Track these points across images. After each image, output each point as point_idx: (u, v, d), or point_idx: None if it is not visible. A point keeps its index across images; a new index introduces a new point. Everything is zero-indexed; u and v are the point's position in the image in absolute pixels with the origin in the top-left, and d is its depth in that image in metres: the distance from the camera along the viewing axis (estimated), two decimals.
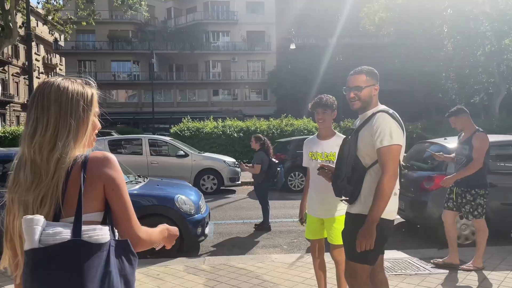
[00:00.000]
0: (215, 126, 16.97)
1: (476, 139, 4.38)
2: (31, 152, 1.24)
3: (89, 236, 1.18)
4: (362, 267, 2.48)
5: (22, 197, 1.23)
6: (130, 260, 1.26)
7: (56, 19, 18.53)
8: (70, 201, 1.23)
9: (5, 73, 40.01)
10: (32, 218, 1.14)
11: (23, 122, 33.62)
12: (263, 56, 39.42)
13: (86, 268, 1.14)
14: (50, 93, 1.27)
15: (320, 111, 3.38)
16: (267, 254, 5.49)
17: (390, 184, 2.35)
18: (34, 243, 1.12)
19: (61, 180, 1.23)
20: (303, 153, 3.65)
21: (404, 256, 4.90)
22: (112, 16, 38.44)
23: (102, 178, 1.26)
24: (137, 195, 5.39)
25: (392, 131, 2.40)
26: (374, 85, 2.58)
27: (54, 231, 1.15)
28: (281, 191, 10.59)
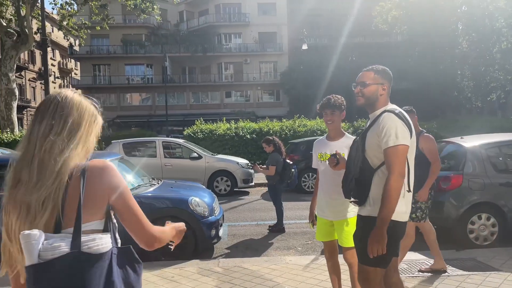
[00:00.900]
0: (228, 128, 16.99)
1: (424, 141, 4.28)
2: (42, 150, 1.24)
3: (88, 247, 1.17)
4: (375, 271, 2.43)
5: (25, 197, 1.21)
6: (134, 267, 1.25)
7: (71, 24, 18.81)
8: (70, 211, 1.22)
9: (22, 78, 40.77)
10: (29, 234, 1.13)
11: None
12: (275, 57, 39.40)
13: (88, 279, 1.14)
14: (71, 101, 1.33)
15: (328, 112, 3.35)
16: (281, 256, 5.46)
17: (397, 184, 2.30)
18: (34, 259, 1.12)
19: (62, 185, 1.22)
20: (313, 154, 3.62)
21: (421, 258, 4.82)
22: (126, 20, 38.90)
23: (105, 186, 1.27)
24: (152, 197, 5.42)
25: (398, 131, 2.35)
26: (382, 84, 2.53)
27: (53, 245, 1.14)
28: (295, 192, 10.55)
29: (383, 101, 2.54)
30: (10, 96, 15.97)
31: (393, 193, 2.29)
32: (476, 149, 5.76)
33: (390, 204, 2.29)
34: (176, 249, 4.81)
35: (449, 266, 4.50)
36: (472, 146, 5.82)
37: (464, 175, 5.59)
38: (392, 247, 2.39)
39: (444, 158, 6.46)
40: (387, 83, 2.56)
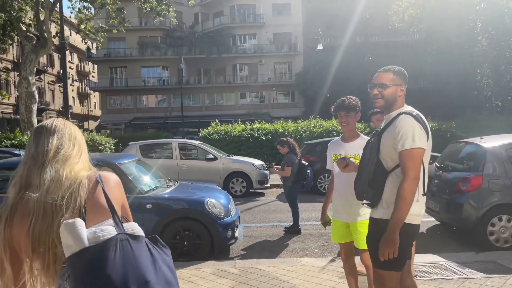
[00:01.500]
0: (243, 129, 17.02)
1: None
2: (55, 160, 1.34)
3: (132, 229, 1.30)
4: (390, 274, 2.40)
5: (40, 199, 1.28)
6: (164, 251, 1.35)
7: (89, 28, 19.12)
8: (90, 213, 1.31)
9: (41, 82, 41.62)
10: (74, 221, 1.22)
11: None
12: (290, 57, 39.33)
13: (139, 256, 1.23)
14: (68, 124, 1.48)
15: (343, 114, 3.33)
16: (297, 257, 5.44)
17: (411, 188, 2.26)
18: (85, 243, 1.19)
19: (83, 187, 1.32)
20: (327, 156, 3.61)
21: (440, 260, 4.74)
22: (142, 23, 39.36)
23: (122, 194, 1.47)
24: (168, 199, 5.47)
25: (415, 134, 2.31)
26: (400, 86, 2.49)
27: (101, 229, 1.24)
28: (311, 193, 10.51)
29: (400, 102, 2.51)
30: (30, 99, 16.31)
31: (407, 197, 2.25)
32: (496, 150, 5.65)
33: (404, 208, 2.26)
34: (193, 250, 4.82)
35: (468, 268, 4.42)
36: (492, 146, 5.71)
37: (483, 176, 5.49)
38: (405, 250, 2.37)
39: (463, 159, 6.36)
40: (404, 84, 2.53)
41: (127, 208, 1.50)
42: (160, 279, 1.24)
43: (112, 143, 16.41)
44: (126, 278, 1.18)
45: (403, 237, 2.30)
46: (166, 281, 1.26)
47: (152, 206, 5.24)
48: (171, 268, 1.32)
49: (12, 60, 36.39)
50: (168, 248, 1.37)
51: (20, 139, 14.83)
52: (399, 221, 2.26)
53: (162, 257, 1.31)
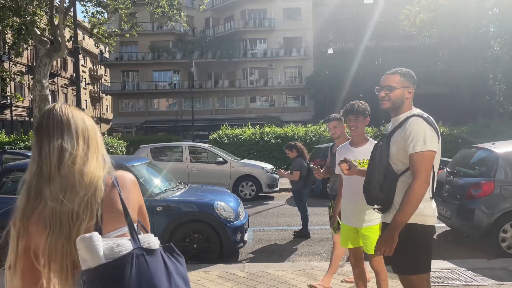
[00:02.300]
0: (253, 133, 17.06)
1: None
2: (63, 166, 1.25)
3: (148, 243, 1.26)
4: (419, 278, 2.36)
5: (55, 211, 1.22)
6: (179, 261, 1.33)
7: (101, 32, 19.36)
8: (108, 217, 1.27)
9: (55, 85, 42.22)
10: (91, 236, 1.17)
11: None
12: (300, 61, 39.33)
13: (155, 272, 1.21)
14: (73, 113, 1.34)
15: (352, 118, 3.33)
16: (306, 261, 5.43)
17: (421, 191, 2.25)
18: (101, 259, 1.16)
19: (99, 193, 1.26)
20: (336, 159, 3.60)
21: (451, 266, 4.69)
22: (153, 27, 39.74)
23: (138, 196, 1.41)
24: (178, 201, 5.52)
25: (426, 136, 2.29)
26: (408, 88, 2.47)
27: (117, 243, 1.20)
28: (320, 197, 10.47)
29: (408, 105, 2.49)
30: (43, 102, 16.53)
31: (414, 199, 2.24)
32: (508, 155, 5.59)
33: (409, 210, 2.24)
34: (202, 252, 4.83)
35: (479, 275, 4.38)
36: (505, 152, 5.65)
37: (495, 182, 5.43)
38: (426, 251, 2.36)
39: (474, 164, 6.30)
40: (412, 86, 2.51)
41: (143, 209, 1.45)
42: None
43: (124, 146, 16.58)
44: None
45: (423, 238, 2.30)
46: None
47: (162, 208, 5.29)
48: (185, 279, 1.30)
49: (27, 63, 37.01)
50: (183, 257, 1.36)
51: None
52: (402, 222, 2.25)
53: (177, 269, 1.29)
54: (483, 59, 25.91)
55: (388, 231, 2.27)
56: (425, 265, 2.38)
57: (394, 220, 2.27)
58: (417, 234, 2.32)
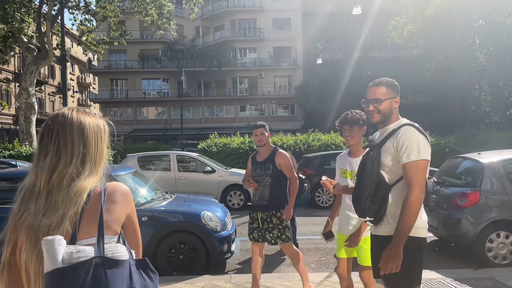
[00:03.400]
0: (242, 142, 17.02)
1: (280, 157, 4.14)
2: (50, 183, 1.25)
3: (112, 253, 1.20)
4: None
5: (33, 226, 1.23)
6: (151, 277, 1.28)
7: (90, 40, 19.27)
8: (86, 225, 1.24)
9: (42, 93, 41.77)
10: (53, 239, 1.15)
11: None
12: (289, 71, 39.58)
13: (112, 284, 1.15)
14: (72, 126, 1.30)
15: (347, 128, 3.31)
16: (293, 272, 5.38)
17: (419, 201, 2.22)
18: (58, 263, 1.13)
19: (80, 206, 1.24)
20: (336, 168, 3.58)
21: (438, 277, 4.69)
22: (143, 36, 39.70)
23: (126, 207, 1.35)
24: (164, 211, 5.43)
25: (420, 145, 2.27)
26: (394, 98, 2.46)
27: (77, 249, 1.16)
28: (308, 207, 10.46)
29: (395, 114, 2.48)
30: (29, 110, 16.35)
31: (414, 210, 2.20)
32: (494, 165, 5.64)
33: (410, 222, 2.21)
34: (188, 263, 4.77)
35: (466, 285, 4.37)
36: (490, 162, 5.70)
37: (481, 192, 5.47)
38: (419, 264, 2.33)
39: (461, 174, 6.35)
40: (398, 95, 2.50)
41: (134, 224, 1.38)
42: None
43: (111, 155, 16.40)
44: None
45: (416, 251, 2.28)
46: None
47: (147, 218, 5.20)
48: None
49: (13, 71, 36.60)
50: (156, 273, 1.31)
51: (18, 149, 14.80)
52: (405, 235, 2.21)
53: (145, 284, 1.24)
54: (469, 70, 26.30)
55: (393, 247, 2.22)
56: (418, 279, 2.35)
57: (397, 235, 2.22)
58: (411, 247, 2.27)
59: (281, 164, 4.13)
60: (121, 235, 1.32)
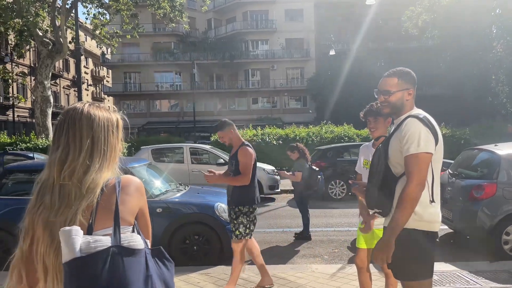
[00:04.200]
0: (255, 134, 17.05)
1: (239, 153, 4.10)
2: (62, 177, 1.28)
3: (128, 242, 1.23)
4: (419, 284, 2.30)
5: (49, 220, 1.26)
6: (166, 266, 1.30)
7: (103, 33, 19.40)
8: (101, 217, 1.27)
9: (57, 86, 42.31)
10: (70, 229, 1.18)
11: None
12: (302, 63, 39.33)
13: (129, 272, 1.18)
14: (81, 120, 1.33)
15: (371, 119, 3.28)
16: (307, 264, 5.40)
17: (414, 194, 2.17)
18: (76, 253, 1.16)
19: (94, 200, 1.26)
20: (359, 158, 3.57)
21: (453, 269, 4.66)
22: (155, 29, 39.79)
23: (140, 200, 1.37)
24: (178, 203, 5.49)
25: (421, 138, 2.21)
26: (407, 89, 2.39)
27: (95, 239, 1.19)
28: (322, 199, 10.44)
29: (409, 106, 2.42)
30: (45, 103, 16.58)
31: (407, 203, 2.16)
32: (511, 157, 5.54)
33: (403, 214, 2.17)
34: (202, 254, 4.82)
35: (482, 278, 4.34)
36: (507, 153, 5.61)
37: (498, 184, 5.39)
38: (425, 257, 2.29)
39: (477, 166, 6.26)
40: (412, 87, 2.42)
41: (145, 216, 1.41)
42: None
43: (125, 147, 16.59)
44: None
45: (420, 244, 2.24)
46: None
47: (162, 210, 5.26)
48: (168, 284, 1.27)
49: (29, 64, 37.10)
50: (172, 262, 1.33)
51: (35, 142, 15.07)
52: (397, 227, 2.17)
53: (161, 272, 1.27)
54: (485, 60, 25.79)
55: (383, 238, 2.22)
56: (425, 272, 2.31)
57: (388, 226, 2.22)
58: (415, 240, 2.26)
59: (239, 160, 4.11)
60: (135, 226, 1.34)
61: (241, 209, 4.08)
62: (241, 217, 4.07)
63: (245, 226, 4.09)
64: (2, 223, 5.13)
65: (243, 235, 4.09)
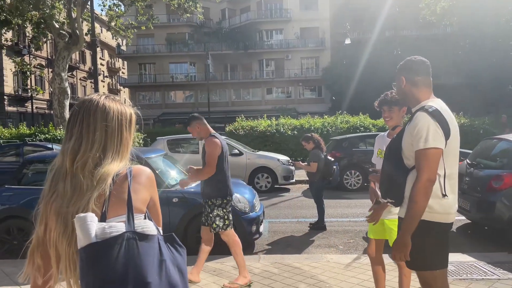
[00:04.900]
0: (269, 125, 17.01)
1: (207, 143, 4.02)
2: (74, 167, 1.30)
3: (142, 228, 1.26)
4: (432, 274, 2.30)
5: (61, 209, 1.28)
6: (178, 251, 1.32)
7: (119, 25, 19.52)
8: (113, 205, 1.29)
9: (74, 78, 42.88)
10: (85, 216, 1.21)
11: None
12: (317, 52, 38.94)
13: (144, 256, 1.21)
14: (96, 112, 1.35)
15: (386, 109, 3.23)
16: (322, 254, 5.40)
17: (423, 190, 2.16)
18: (92, 238, 1.19)
19: (106, 189, 1.29)
20: (374, 148, 3.55)
21: (470, 260, 4.60)
22: (170, 19, 39.85)
23: (151, 189, 1.40)
24: (194, 192, 5.53)
25: (429, 133, 2.19)
26: (410, 79, 2.39)
27: (109, 225, 1.22)
28: (337, 190, 10.41)
29: (418, 95, 2.39)
30: (62, 95, 16.83)
31: (418, 198, 2.16)
32: None
33: (416, 210, 2.17)
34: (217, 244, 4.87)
35: (500, 269, 4.28)
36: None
37: None
38: (435, 248, 2.28)
39: (496, 156, 6.15)
40: (412, 73, 2.39)
41: (156, 206, 1.44)
42: (163, 281, 1.22)
43: (141, 138, 16.76)
44: (125, 277, 1.17)
45: (428, 235, 2.24)
46: (170, 283, 1.24)
47: (178, 199, 5.32)
48: (181, 269, 1.29)
49: (46, 57, 37.65)
50: (184, 248, 1.35)
51: (53, 133, 15.35)
52: (411, 222, 2.18)
53: (174, 258, 1.29)
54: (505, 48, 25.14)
55: (400, 236, 2.23)
56: (437, 263, 2.31)
57: (404, 222, 2.23)
58: (427, 231, 2.25)
59: (206, 150, 4.07)
60: (147, 214, 1.37)
61: (214, 202, 4.08)
62: (216, 210, 4.07)
63: (222, 218, 4.08)
64: (23, 212, 5.27)
65: (221, 227, 4.08)
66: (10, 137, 15.59)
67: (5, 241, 5.32)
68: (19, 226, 5.30)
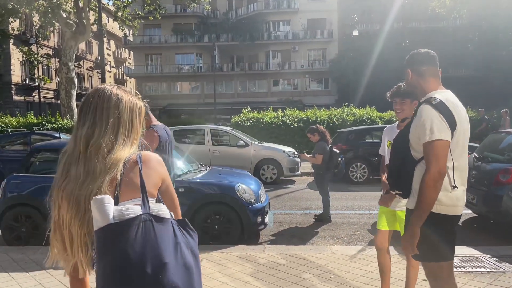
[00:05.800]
0: (275, 116, 16.99)
1: (146, 134, 3.95)
2: (88, 151, 1.33)
3: (157, 211, 1.30)
4: (438, 265, 2.32)
5: (74, 191, 1.31)
6: (191, 235, 1.36)
7: (125, 15, 19.50)
8: (125, 189, 1.33)
9: (80, 68, 42.99)
10: (103, 198, 1.24)
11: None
12: (324, 44, 38.66)
13: (160, 238, 1.24)
14: (110, 100, 1.39)
15: (398, 101, 3.19)
16: (327, 245, 5.42)
17: (432, 182, 2.15)
18: (110, 219, 1.22)
19: (118, 173, 1.32)
20: (382, 140, 3.53)
21: (475, 253, 4.60)
22: (176, 10, 39.68)
23: (161, 173, 1.43)
24: (200, 183, 5.57)
25: (434, 125, 2.18)
26: (416, 71, 2.41)
27: (127, 207, 1.26)
28: (342, 182, 10.40)
29: (424, 85, 2.40)
30: (69, 85, 16.91)
31: (428, 190, 2.15)
32: None
33: (425, 203, 2.17)
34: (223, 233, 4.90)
35: (505, 262, 4.27)
36: None
37: None
38: (441, 240, 2.28)
39: (504, 149, 6.10)
40: (416, 65, 2.41)
41: (169, 188, 1.47)
42: (179, 262, 1.25)
43: None
44: (143, 257, 1.20)
45: (434, 227, 2.24)
46: (185, 265, 1.27)
47: (184, 190, 5.35)
48: (194, 252, 1.32)
49: (53, 46, 37.75)
50: (196, 233, 1.38)
51: (60, 123, 15.44)
52: (420, 215, 2.18)
53: (187, 241, 1.32)
54: None
55: (409, 228, 2.24)
56: (445, 254, 2.32)
57: (413, 215, 2.23)
58: (434, 223, 2.25)
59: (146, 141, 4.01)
60: (158, 197, 1.41)
61: None
62: None
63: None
64: (30, 200, 5.33)
65: None
66: (18, 126, 15.71)
67: (13, 228, 5.39)
68: (27, 214, 5.36)
